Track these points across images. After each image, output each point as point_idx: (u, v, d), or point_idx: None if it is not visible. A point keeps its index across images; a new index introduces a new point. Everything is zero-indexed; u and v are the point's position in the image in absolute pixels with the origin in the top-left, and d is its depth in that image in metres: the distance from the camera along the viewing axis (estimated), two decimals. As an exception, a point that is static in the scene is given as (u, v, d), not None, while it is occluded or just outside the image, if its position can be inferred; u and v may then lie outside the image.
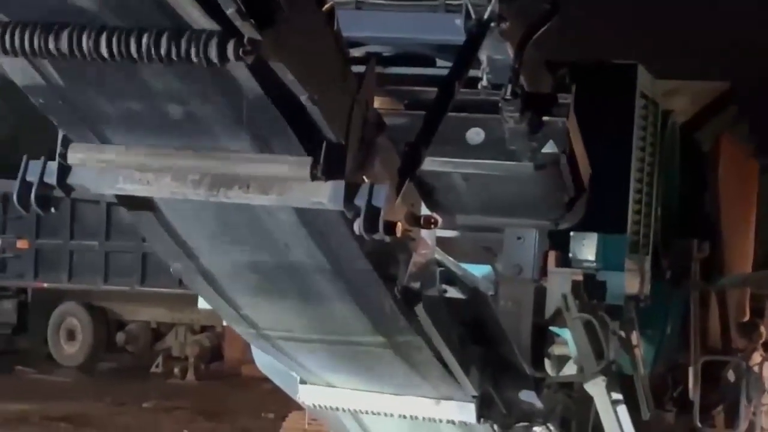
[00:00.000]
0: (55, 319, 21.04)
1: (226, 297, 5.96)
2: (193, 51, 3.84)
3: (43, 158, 4.84)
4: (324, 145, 4.47)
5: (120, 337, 20.88)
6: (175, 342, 19.85)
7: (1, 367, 20.16)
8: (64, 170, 4.80)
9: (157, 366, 19.87)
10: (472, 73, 6.08)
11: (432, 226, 5.41)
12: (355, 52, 6.32)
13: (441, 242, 6.72)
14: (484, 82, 6.09)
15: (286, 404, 8.69)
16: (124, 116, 4.59)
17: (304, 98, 4.30)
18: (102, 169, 4.80)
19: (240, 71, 4.08)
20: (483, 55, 6.03)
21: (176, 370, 19.52)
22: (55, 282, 20.71)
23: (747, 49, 14.99)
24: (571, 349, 7.49)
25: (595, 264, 7.50)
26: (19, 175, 4.83)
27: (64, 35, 3.91)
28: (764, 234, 12.04)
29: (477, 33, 5.76)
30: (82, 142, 4.75)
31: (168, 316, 19.22)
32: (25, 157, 4.86)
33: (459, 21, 5.83)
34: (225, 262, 5.64)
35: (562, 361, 7.55)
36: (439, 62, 6.51)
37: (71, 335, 20.94)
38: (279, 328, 6.29)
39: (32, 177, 4.82)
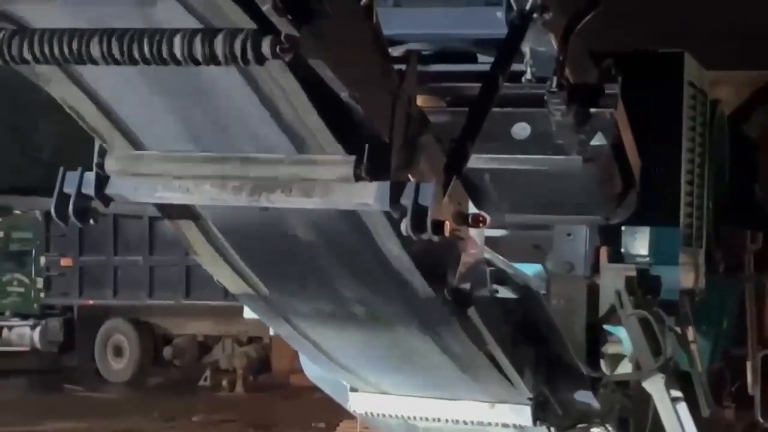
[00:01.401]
0: (101, 336, 21.11)
1: (280, 313, 5.90)
2: (229, 50, 3.76)
3: (80, 169, 4.78)
4: (367, 144, 4.38)
5: (167, 351, 20.94)
6: (223, 354, 19.87)
7: (49, 385, 20.24)
8: (102, 180, 4.74)
9: (205, 379, 19.89)
10: (516, 66, 5.99)
11: (480, 224, 5.30)
12: (395, 50, 6.26)
13: (489, 241, 6.62)
14: (528, 76, 5.97)
15: (337, 413, 8.61)
16: (160, 122, 4.54)
17: (344, 96, 4.23)
18: (140, 177, 4.74)
19: (279, 70, 4.00)
20: (526, 48, 5.92)
21: (224, 383, 19.53)
22: (100, 299, 20.81)
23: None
24: (626, 347, 7.37)
25: (648, 258, 7.37)
26: (57, 186, 4.77)
27: (95, 40, 3.84)
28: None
29: (519, 25, 5.64)
30: (122, 152, 4.70)
31: (214, 329, 19.23)
32: (62, 169, 4.80)
33: (500, 14, 5.72)
34: (277, 275, 5.57)
35: (616, 359, 7.41)
36: (482, 57, 6.40)
37: (118, 351, 21.01)
38: (329, 335, 6.22)
39: (70, 188, 4.76)
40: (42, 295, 21.76)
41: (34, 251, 22.13)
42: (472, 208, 5.36)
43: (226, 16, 3.75)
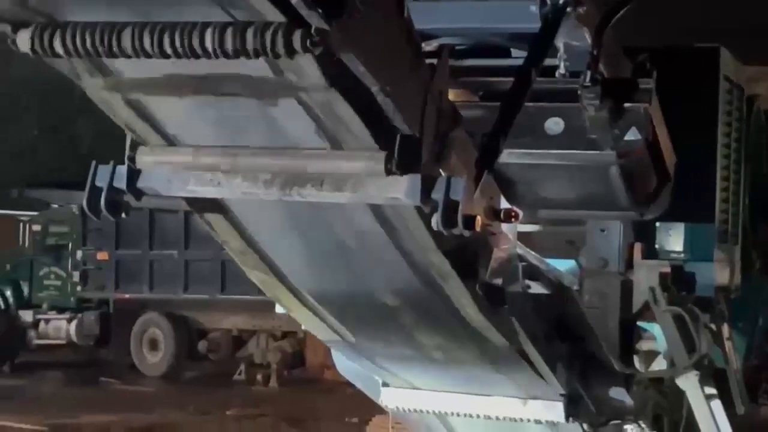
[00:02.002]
0: (137, 330, 21.20)
1: (303, 299, 5.90)
2: (259, 44, 3.76)
3: (112, 162, 4.78)
4: (398, 138, 4.36)
5: (202, 345, 21.01)
6: (257, 349, 19.90)
7: (85, 378, 20.36)
8: (134, 174, 4.74)
9: (239, 373, 19.93)
10: (550, 61, 5.96)
11: (513, 219, 5.28)
12: (430, 45, 6.25)
13: (522, 237, 6.60)
14: (562, 70, 5.94)
15: (370, 408, 8.61)
16: (191, 116, 4.54)
17: (375, 90, 4.20)
18: (171, 171, 4.74)
19: (308, 64, 3.99)
20: (560, 42, 5.89)
21: (259, 377, 19.57)
22: (136, 292, 20.90)
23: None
24: (660, 344, 7.33)
25: (683, 255, 7.34)
26: (89, 180, 4.77)
27: (127, 33, 3.85)
28: None
29: (553, 19, 5.62)
30: (153, 146, 4.70)
31: (249, 323, 19.27)
32: (93, 163, 4.80)
33: (534, 7, 5.70)
34: (300, 264, 5.57)
35: (650, 356, 7.36)
36: (516, 52, 6.38)
37: (154, 345, 21.10)
38: (360, 331, 6.21)
39: (101, 182, 4.76)
40: (78, 288, 21.89)
41: (71, 245, 22.26)
42: (504, 203, 5.36)
43: (256, 11, 3.74)
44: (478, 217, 4.65)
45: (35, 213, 24.15)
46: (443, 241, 4.92)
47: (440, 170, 4.59)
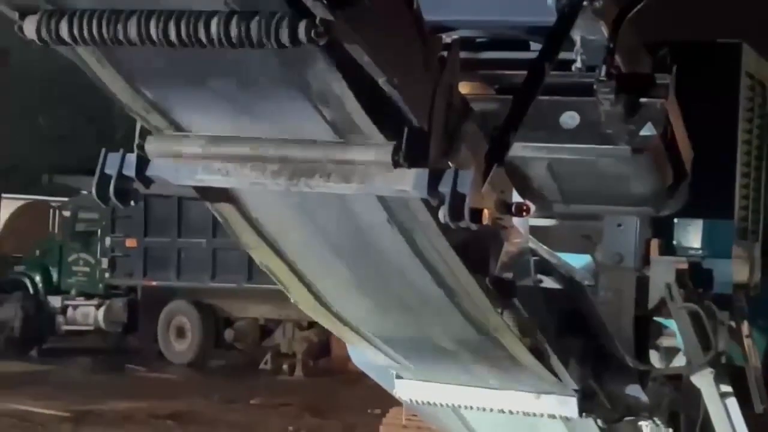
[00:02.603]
0: (164, 317, 21.29)
1: (321, 296, 5.90)
2: (263, 34, 3.75)
3: (122, 150, 4.79)
4: (406, 130, 4.36)
5: (228, 334, 21.07)
6: (283, 338, 19.94)
7: (112, 365, 20.48)
8: (143, 162, 4.75)
9: (265, 363, 20.00)
10: (567, 55, 5.95)
11: (524, 213, 5.26)
12: (448, 37, 6.24)
13: (538, 231, 6.59)
14: (578, 64, 5.93)
15: (393, 400, 8.60)
16: (200, 106, 4.55)
17: (382, 81, 4.19)
18: (181, 160, 4.75)
19: (315, 55, 3.98)
20: (577, 36, 5.87)
21: (285, 367, 19.63)
22: (164, 280, 20.99)
23: None
24: (679, 341, 7.30)
25: (700, 251, 7.31)
26: (98, 167, 4.78)
27: (133, 21, 3.85)
28: None
29: (569, 13, 5.60)
30: (162, 134, 4.71)
31: (275, 313, 19.28)
32: (103, 150, 4.81)
33: (551, 1, 5.68)
34: (311, 256, 5.57)
35: (671, 353, 7.33)
36: (535, 45, 6.36)
37: (181, 333, 21.19)
38: (371, 324, 6.21)
39: (111, 170, 4.77)
40: (107, 275, 22.01)
41: (100, 232, 22.40)
42: (516, 197, 5.34)
43: (261, 1, 3.74)
44: (486, 211, 4.64)
45: (66, 199, 24.23)
46: (452, 234, 4.92)
47: (450, 163, 4.58)
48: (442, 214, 4.48)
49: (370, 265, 5.54)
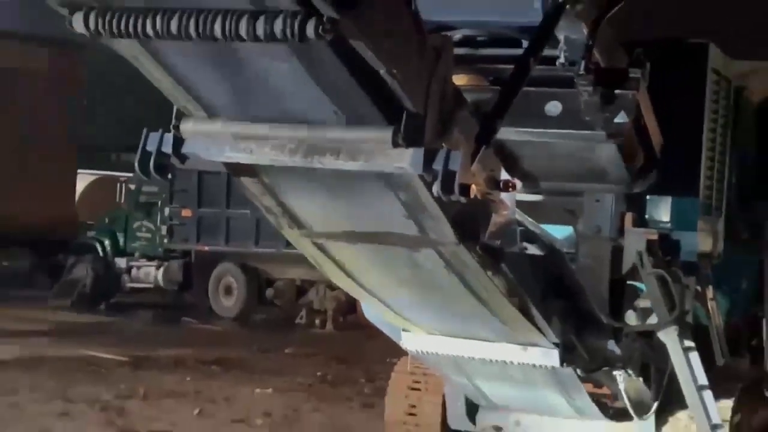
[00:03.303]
0: (214, 277, 21.31)
1: (335, 261, 5.91)
2: (276, 30, 3.75)
3: (161, 130, 4.81)
4: (404, 115, 4.36)
5: (269, 292, 21.07)
6: (316, 297, 19.93)
7: (169, 318, 20.56)
8: (179, 141, 4.76)
9: (300, 318, 20.00)
10: (552, 52, 5.93)
11: (510, 189, 5.28)
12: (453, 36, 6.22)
13: (526, 206, 6.58)
14: (562, 60, 5.91)
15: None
16: (230, 95, 4.55)
17: (383, 72, 4.19)
18: (211, 139, 4.76)
19: (323, 49, 3.98)
20: (561, 35, 5.86)
21: (317, 322, 19.64)
22: (214, 245, 21.00)
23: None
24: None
25: (669, 224, 7.28)
26: (140, 145, 4.80)
27: (157, 19, 3.86)
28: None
29: (553, 14, 5.58)
30: (194, 117, 4.72)
31: (310, 274, 19.27)
32: (145, 130, 4.83)
33: (538, 4, 5.67)
34: (331, 229, 5.57)
35: (646, 313, 7.30)
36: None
37: (228, 291, 21.20)
38: (385, 291, 6.22)
39: (151, 147, 4.79)
40: (165, 240, 22.01)
41: (160, 203, 22.39)
42: (504, 175, 5.34)
43: (275, 0, 3.74)
44: (474, 186, 4.65)
45: (131, 174, 24.29)
46: (447, 207, 4.91)
47: (443, 144, 4.58)
48: (435, 188, 4.49)
49: (383, 248, 5.54)
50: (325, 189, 5.21)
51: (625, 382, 7.32)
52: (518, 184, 5.40)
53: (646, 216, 7.25)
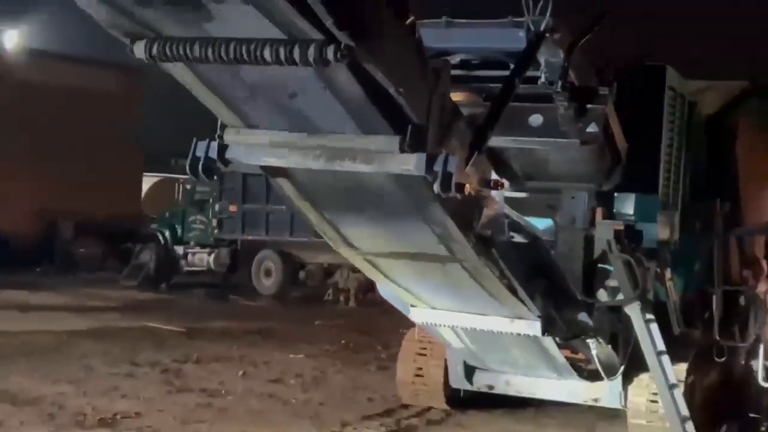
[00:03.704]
0: (256, 262, 21.27)
1: (354, 246, 5.90)
2: (303, 55, 3.76)
3: (207, 139, 4.82)
4: (409, 126, 4.36)
5: (301, 274, 21.02)
6: (341, 278, 19.86)
7: (219, 296, 20.55)
8: (223, 148, 4.77)
9: (328, 295, 19.94)
10: (534, 73, 5.92)
11: (499, 187, 5.27)
12: (453, 59, 6.20)
13: (513, 201, 6.56)
14: (542, 79, 5.91)
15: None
16: (264, 109, 4.55)
17: (391, 90, 4.19)
18: (250, 147, 4.77)
19: (341, 71, 3.98)
20: (542, 59, 5.85)
21: (341, 299, 19.60)
22: (256, 235, 20.97)
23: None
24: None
25: (633, 217, 7.25)
26: (191, 151, 4.81)
27: (201, 47, 3.86)
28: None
29: (535, 42, 5.58)
30: (235, 127, 4.73)
31: (335, 259, 19.19)
32: (194, 139, 4.84)
33: (522, 33, 5.66)
34: (350, 221, 5.57)
35: (614, 290, 7.28)
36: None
37: (268, 273, 21.16)
38: (395, 272, 6.22)
39: (200, 153, 4.80)
40: (216, 231, 21.99)
41: (211, 200, 22.38)
42: (494, 176, 5.33)
43: (302, 30, 3.74)
44: (467, 185, 4.64)
45: (187, 176, 24.36)
46: (446, 203, 4.91)
47: (443, 150, 4.58)
48: (436, 187, 4.50)
49: (396, 234, 5.56)
50: (374, 221, 5.35)
51: (596, 348, 7.31)
52: (506, 183, 5.40)
53: (614, 210, 7.22)
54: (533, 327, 6.60)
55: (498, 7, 6.02)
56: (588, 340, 7.21)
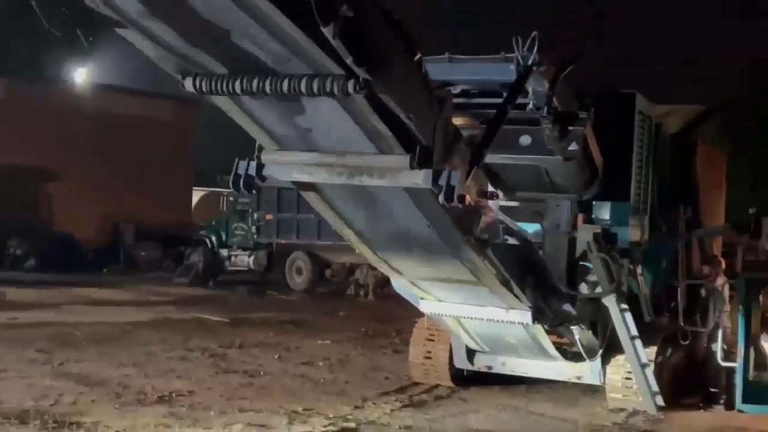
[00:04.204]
0: (289, 262, 21.22)
1: (371, 247, 5.90)
2: (327, 88, 3.77)
3: (247, 159, 4.85)
4: (417, 147, 4.37)
5: (328, 272, 20.97)
6: (362, 275, 19.81)
7: (257, 291, 20.51)
8: (260, 167, 4.80)
9: (350, 290, 19.92)
10: (523, 100, 5.91)
11: (495, 198, 5.26)
12: (454, 89, 6.20)
13: (507, 209, 6.55)
14: (531, 105, 5.90)
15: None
16: (295, 134, 4.57)
17: (403, 116, 4.20)
18: (282, 165, 4.78)
19: (360, 101, 3.99)
20: (530, 88, 5.83)
21: (362, 293, 19.56)
22: (289, 239, 20.92)
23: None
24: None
25: (609, 222, 7.21)
26: (233, 169, 4.83)
27: (242, 81, 3.87)
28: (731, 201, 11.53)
29: (524, 74, 5.56)
30: (270, 149, 4.74)
31: (357, 259, 19.14)
32: (237, 159, 4.86)
33: (513, 67, 5.65)
34: (368, 227, 5.57)
35: (594, 284, 7.25)
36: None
37: (299, 271, 21.12)
38: (407, 270, 6.21)
39: (241, 171, 4.82)
40: (255, 236, 21.99)
41: (251, 210, 22.38)
42: (490, 188, 5.32)
43: (325, 66, 3.75)
44: (468, 196, 4.64)
45: (230, 190, 24.40)
46: (450, 211, 4.91)
47: (446, 166, 4.58)
48: (441, 198, 4.50)
49: (406, 239, 5.56)
50: (419, 259, 5.57)
51: (579, 333, 7.29)
52: (500, 194, 5.37)
53: (593, 216, 7.19)
54: (525, 316, 6.58)
55: (492, 44, 6.02)
56: (572, 327, 7.18)
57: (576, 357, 7.58)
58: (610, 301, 6.99)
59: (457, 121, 5.29)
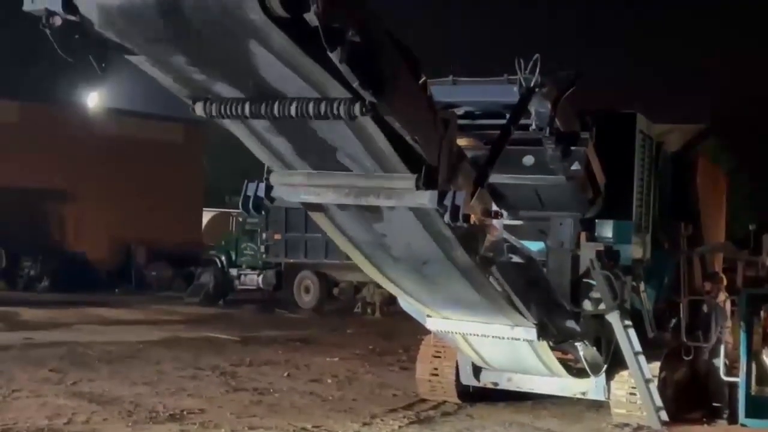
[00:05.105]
0: (297, 281, 21.20)
1: (378, 268, 5.89)
2: (334, 111, 3.78)
3: (256, 180, 4.85)
4: (423, 168, 4.37)
5: (335, 290, 20.95)
6: (368, 293, 19.76)
7: (267, 309, 20.49)
8: (269, 188, 4.80)
9: (357, 308, 19.87)
10: (526, 121, 5.91)
11: (499, 217, 5.26)
12: (458, 111, 6.21)
13: (512, 228, 6.54)
14: (533, 126, 5.91)
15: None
16: (302, 157, 4.57)
17: (408, 138, 4.20)
18: (290, 186, 4.78)
19: (366, 123, 4.00)
20: (532, 109, 5.85)
21: (369, 311, 19.52)
22: (297, 258, 20.90)
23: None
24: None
25: (612, 239, 7.20)
26: (243, 191, 4.84)
27: (250, 105, 3.88)
28: (731, 218, 11.52)
29: (526, 96, 5.58)
30: (279, 171, 4.75)
31: (363, 278, 19.14)
32: (246, 181, 4.87)
33: (516, 89, 5.66)
34: (375, 247, 5.55)
35: (597, 301, 7.22)
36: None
37: (307, 290, 21.10)
38: (413, 288, 6.19)
39: (250, 192, 4.83)
40: (264, 256, 21.97)
41: (259, 230, 22.38)
42: (495, 207, 5.32)
43: (332, 90, 3.76)
44: (472, 215, 4.64)
45: (240, 211, 24.41)
46: (456, 231, 4.91)
47: (451, 187, 4.58)
48: (446, 217, 4.49)
49: (412, 259, 5.54)
50: (425, 277, 5.57)
51: (583, 350, 7.26)
52: (504, 213, 5.36)
53: (596, 234, 7.18)
54: (530, 333, 6.55)
55: (495, 67, 6.05)
56: (576, 343, 7.15)
57: (581, 373, 7.55)
58: (613, 318, 6.97)
59: (462, 142, 5.31)
